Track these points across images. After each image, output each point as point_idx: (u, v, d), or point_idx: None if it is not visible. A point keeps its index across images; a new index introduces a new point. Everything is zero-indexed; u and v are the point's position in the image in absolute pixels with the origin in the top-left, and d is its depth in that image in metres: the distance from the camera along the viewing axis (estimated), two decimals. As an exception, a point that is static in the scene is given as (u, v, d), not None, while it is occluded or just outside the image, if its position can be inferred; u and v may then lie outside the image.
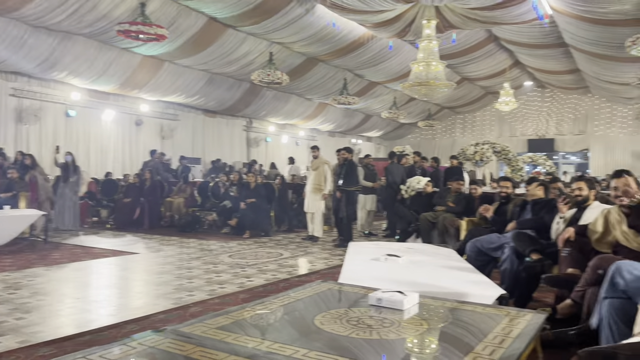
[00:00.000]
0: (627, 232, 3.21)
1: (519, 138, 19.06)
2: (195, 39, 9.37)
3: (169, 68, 10.51)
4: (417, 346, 2.03)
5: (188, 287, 4.77)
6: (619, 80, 12.57)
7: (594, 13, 8.18)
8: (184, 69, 10.79)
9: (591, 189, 4.18)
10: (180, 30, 8.92)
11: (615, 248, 3.33)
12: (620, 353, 1.86)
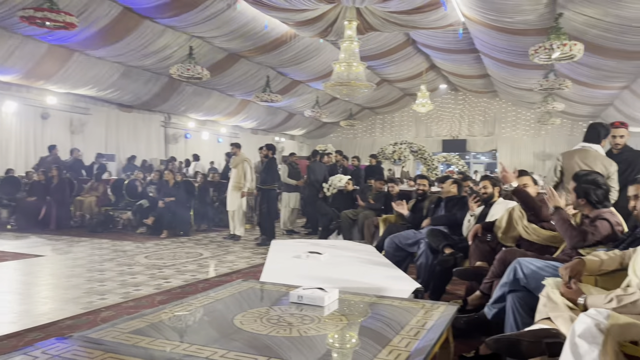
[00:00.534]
0: (528, 227, 3.49)
1: (434, 138, 19.94)
2: (109, 29, 8.88)
3: (79, 59, 9.88)
4: (337, 341, 2.05)
5: (100, 290, 4.51)
6: (524, 86, 13.50)
7: (502, 22, 8.73)
8: (97, 60, 10.19)
9: (495, 186, 4.49)
10: (92, 19, 8.41)
11: (518, 242, 3.60)
12: (523, 339, 2.00)
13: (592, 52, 8.68)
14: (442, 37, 11.18)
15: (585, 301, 2.03)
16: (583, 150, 4.08)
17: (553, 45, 7.36)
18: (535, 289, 2.50)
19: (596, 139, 4.12)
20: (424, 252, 4.38)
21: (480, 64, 13.28)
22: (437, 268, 4.12)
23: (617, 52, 8.88)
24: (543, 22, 8.22)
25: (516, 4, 7.76)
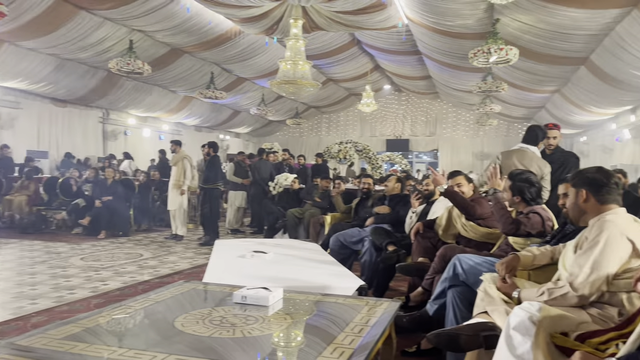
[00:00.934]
0: (466, 224, 3.62)
1: (378, 138, 20.30)
2: (42, 19, 8.41)
3: (8, 49, 9.30)
4: (283, 340, 2.04)
5: (30, 294, 4.27)
6: (463, 88, 14.00)
7: (443, 25, 9.01)
8: (28, 51, 9.63)
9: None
10: (24, 8, 7.94)
11: (457, 238, 3.73)
12: (461, 333, 2.06)
13: (526, 56, 9.13)
14: (386, 39, 11.40)
15: (519, 295, 2.12)
16: (521, 150, 4.28)
17: (491, 49, 7.68)
18: (473, 284, 2.59)
19: (534, 141, 4.33)
20: (368, 249, 4.44)
21: (422, 65, 13.65)
22: (381, 265, 4.19)
23: (548, 57, 9.38)
24: (481, 26, 8.56)
25: (456, 8, 8.04)
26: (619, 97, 10.52)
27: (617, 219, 1.99)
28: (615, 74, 9.15)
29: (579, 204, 2.10)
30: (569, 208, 2.17)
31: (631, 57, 8.11)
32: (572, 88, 11.32)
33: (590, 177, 2.09)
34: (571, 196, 2.15)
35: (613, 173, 2.15)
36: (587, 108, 12.21)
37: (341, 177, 7.31)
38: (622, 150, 12.72)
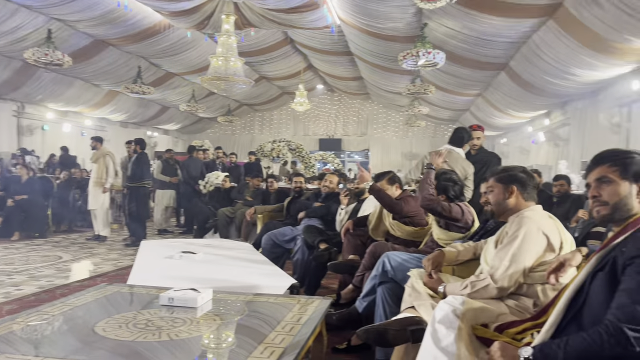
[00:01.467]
0: (392, 223, 3.73)
1: (311, 137, 20.41)
2: (-53, 2, 7.73)
3: None
4: (213, 342, 1.99)
5: None
6: (393, 90, 14.37)
7: (374, 27, 9.19)
8: None
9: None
10: None
11: (386, 236, 3.82)
12: (389, 328, 2.11)
13: (452, 61, 9.52)
14: (319, 38, 11.47)
15: (445, 289, 2.21)
16: (447, 151, 4.45)
17: (419, 53, 7.93)
18: (402, 280, 2.66)
19: (460, 142, 4.54)
20: (300, 248, 4.45)
21: (354, 66, 13.86)
22: (313, 263, 4.21)
23: (472, 62, 9.84)
24: (411, 30, 8.82)
25: (387, 11, 8.23)
26: (534, 101, 11.23)
27: (535, 215, 2.12)
28: (531, 80, 9.76)
29: (505, 200, 2.21)
30: (494, 203, 2.25)
31: (546, 65, 8.68)
32: (493, 92, 11.94)
33: (519, 176, 2.22)
34: (498, 192, 2.23)
35: (533, 173, 2.30)
36: (506, 111, 12.94)
37: (274, 176, 7.27)
38: (537, 151, 13.60)
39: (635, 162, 1.52)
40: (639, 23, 6.11)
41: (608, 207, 1.53)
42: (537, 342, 1.49)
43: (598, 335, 1.35)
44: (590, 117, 10.25)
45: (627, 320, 1.33)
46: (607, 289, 1.44)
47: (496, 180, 2.26)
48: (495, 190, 2.25)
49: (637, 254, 1.39)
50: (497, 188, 2.24)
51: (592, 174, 1.59)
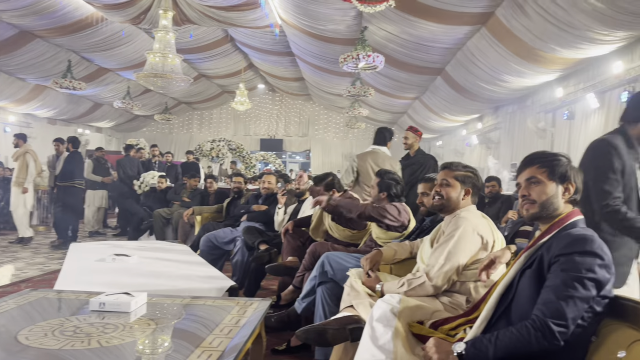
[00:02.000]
0: (331, 225, 3.76)
1: (252, 137, 20.22)
2: None
3: None
4: (148, 347, 1.92)
5: None
6: (334, 91, 14.51)
7: (316, 29, 9.24)
8: None
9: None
10: None
11: (326, 236, 3.84)
12: (328, 328, 2.12)
13: (391, 64, 9.74)
14: (260, 38, 11.38)
15: (382, 287, 2.24)
16: (373, 152, 4.64)
17: (359, 55, 8.05)
18: (341, 280, 2.68)
19: (383, 141, 4.74)
20: (240, 249, 4.39)
21: (296, 67, 13.87)
22: (252, 265, 4.17)
23: (410, 66, 10.11)
24: (351, 33, 8.94)
25: (328, 13, 8.29)
26: (468, 106, 11.70)
27: (470, 215, 2.20)
28: (465, 85, 10.16)
29: (459, 199, 2.26)
30: (447, 198, 2.25)
31: (479, 71, 9.07)
32: (430, 96, 12.33)
33: (476, 180, 2.30)
34: (455, 189, 2.26)
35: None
36: (442, 115, 13.40)
37: (213, 176, 7.13)
38: (471, 153, 14.19)
39: (562, 165, 1.62)
40: (563, 34, 6.51)
41: (536, 205, 1.61)
42: (470, 338, 1.55)
43: (526, 330, 1.42)
44: (519, 121, 10.82)
45: (552, 316, 1.40)
46: (534, 286, 1.52)
47: (455, 177, 2.28)
48: (452, 186, 2.26)
49: (561, 253, 1.47)
50: (454, 185, 2.26)
51: (522, 174, 1.67)
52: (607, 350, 1.44)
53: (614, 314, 1.51)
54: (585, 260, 1.44)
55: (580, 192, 1.65)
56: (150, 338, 1.98)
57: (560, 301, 1.41)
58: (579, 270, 1.43)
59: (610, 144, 2.10)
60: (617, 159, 2.05)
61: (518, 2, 6.45)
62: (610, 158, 2.04)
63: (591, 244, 1.46)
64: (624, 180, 2.10)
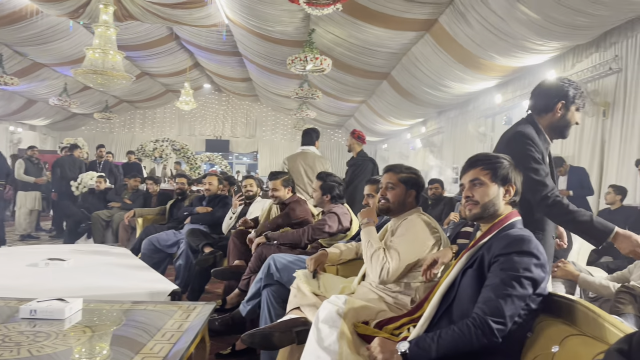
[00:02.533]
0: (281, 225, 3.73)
1: (197, 137, 19.82)
2: None
3: None
4: (85, 355, 1.83)
5: None
6: (282, 93, 14.46)
7: (263, 30, 9.18)
8: None
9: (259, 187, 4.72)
10: None
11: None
12: (274, 331, 2.10)
13: (338, 67, 9.83)
14: (206, 37, 11.18)
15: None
16: (303, 152, 4.78)
17: (307, 58, 8.06)
18: (287, 282, 2.67)
19: (311, 142, 4.89)
20: (183, 252, 4.28)
21: (243, 67, 13.73)
22: (196, 268, 4.07)
23: (357, 70, 10.25)
24: (299, 35, 8.94)
25: (276, 14, 8.26)
26: (413, 110, 11.99)
27: (418, 217, 2.24)
28: (410, 90, 10.41)
29: (405, 200, 2.29)
30: (393, 201, 2.28)
31: (423, 76, 9.31)
32: (376, 100, 12.54)
33: (419, 181, 2.33)
34: (400, 191, 2.28)
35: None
36: (388, 118, 13.66)
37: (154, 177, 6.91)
38: (415, 157, 14.55)
39: (504, 167, 1.68)
40: (502, 42, 6.80)
41: (479, 206, 1.66)
42: (413, 337, 1.57)
43: (467, 328, 1.46)
44: (461, 126, 11.21)
45: (492, 314, 1.45)
46: (475, 285, 1.56)
47: (400, 180, 2.31)
48: (397, 189, 2.29)
49: (500, 253, 1.53)
50: (398, 187, 2.29)
51: (466, 175, 1.71)
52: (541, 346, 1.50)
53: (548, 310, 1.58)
54: (522, 260, 1.49)
55: (520, 193, 1.71)
56: (87, 346, 1.89)
57: (499, 299, 1.46)
58: (517, 270, 1.48)
59: (524, 134, 2.06)
60: (534, 148, 2.02)
61: (460, 11, 6.67)
62: (528, 148, 2.01)
63: (528, 244, 1.52)
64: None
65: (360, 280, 2.31)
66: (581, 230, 1.95)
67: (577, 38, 6.48)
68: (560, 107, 2.12)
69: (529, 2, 5.62)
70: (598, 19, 5.67)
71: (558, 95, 2.12)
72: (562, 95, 2.12)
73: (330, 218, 3.15)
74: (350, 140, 5.26)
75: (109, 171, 8.93)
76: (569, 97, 2.11)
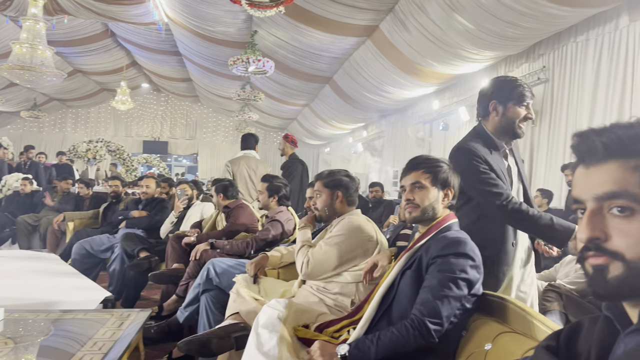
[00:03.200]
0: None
1: (134, 138, 19.15)
2: None
3: None
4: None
5: None
6: (224, 94, 14.24)
7: (204, 30, 9.01)
8: None
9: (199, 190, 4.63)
10: None
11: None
12: (212, 338, 2.05)
13: (281, 70, 9.81)
14: (144, 35, 10.83)
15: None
16: (246, 156, 4.93)
17: (249, 59, 7.99)
18: (227, 287, 2.61)
19: (252, 146, 5.06)
20: (118, 257, 4.11)
21: (183, 67, 13.41)
22: (131, 273, 3.91)
23: (300, 73, 10.27)
24: (241, 36, 8.85)
25: (217, 14, 8.13)
26: (354, 114, 12.17)
27: (356, 219, 2.26)
28: (352, 94, 10.56)
29: (334, 204, 2.29)
30: (321, 208, 2.31)
31: (364, 81, 9.47)
32: (319, 103, 12.63)
33: (344, 181, 2.32)
34: (325, 196, 2.30)
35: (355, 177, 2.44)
36: (330, 122, 13.78)
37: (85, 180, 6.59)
38: (357, 160, 14.76)
39: (444, 171, 1.72)
40: (439, 50, 7.03)
41: (419, 209, 1.69)
42: (353, 339, 1.58)
43: (405, 329, 1.48)
44: (401, 131, 11.49)
45: (429, 314, 1.48)
46: (414, 286, 1.59)
47: (323, 184, 2.32)
48: (322, 195, 2.31)
49: (438, 254, 1.56)
50: (324, 193, 2.31)
51: (407, 177, 1.74)
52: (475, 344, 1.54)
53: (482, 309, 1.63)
54: (459, 261, 1.54)
55: (457, 197, 1.76)
56: (10, 358, 1.76)
57: (436, 300, 1.49)
58: (454, 271, 1.52)
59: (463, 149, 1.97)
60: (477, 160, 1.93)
61: (400, 18, 6.84)
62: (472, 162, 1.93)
63: (464, 246, 1.57)
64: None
65: (300, 283, 2.30)
66: (544, 234, 1.89)
67: (509, 49, 6.81)
68: (494, 108, 2.01)
69: (465, 12, 5.85)
70: (527, 31, 5.99)
71: (488, 97, 2.04)
72: (491, 95, 2.03)
73: (273, 226, 3.14)
74: (283, 144, 5.43)
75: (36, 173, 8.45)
76: (500, 95, 2.01)
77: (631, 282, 0.67)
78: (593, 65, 5.83)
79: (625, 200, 0.68)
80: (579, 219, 0.74)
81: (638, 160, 0.68)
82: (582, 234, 0.71)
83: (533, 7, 5.27)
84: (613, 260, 0.68)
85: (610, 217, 0.69)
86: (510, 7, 5.38)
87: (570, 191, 3.33)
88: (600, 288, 0.69)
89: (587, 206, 0.72)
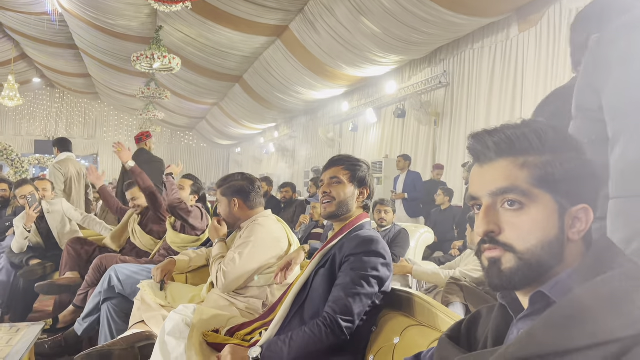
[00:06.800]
0: (136, 229, 3.44)
1: (24, 138, 17.63)
2: None
3: None
4: None
5: None
6: (126, 91, 13.54)
7: (104, 22, 8.48)
8: None
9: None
10: None
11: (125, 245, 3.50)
12: (114, 349, 1.91)
13: (189, 68, 9.51)
14: (36, 26, 9.99)
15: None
16: (69, 158, 4.88)
17: (154, 56, 7.65)
18: (131, 294, 2.46)
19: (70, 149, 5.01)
20: (4, 268, 3.73)
21: (80, 62, 12.56)
22: (20, 284, 3.57)
23: (209, 71, 10.03)
24: (145, 31, 8.46)
25: (118, 7, 7.70)
26: (266, 114, 12.11)
27: (266, 221, 2.21)
28: (263, 94, 10.49)
29: (232, 212, 2.22)
30: (223, 216, 2.25)
31: (275, 81, 9.45)
32: (229, 103, 12.41)
33: (238, 186, 2.25)
34: (224, 205, 2.23)
35: (255, 177, 2.38)
36: (241, 122, 13.60)
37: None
38: (269, 161, 14.70)
39: (362, 170, 1.75)
40: (348, 53, 7.19)
41: (334, 203, 1.70)
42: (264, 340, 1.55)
43: (317, 328, 1.47)
44: (312, 131, 11.61)
45: (341, 312, 1.49)
46: (327, 284, 1.59)
47: (221, 193, 2.25)
48: (222, 203, 2.25)
49: (351, 253, 1.58)
50: (222, 201, 2.25)
51: (327, 172, 1.75)
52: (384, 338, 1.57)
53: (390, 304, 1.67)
54: (370, 259, 1.56)
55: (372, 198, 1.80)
56: None
57: (348, 298, 1.50)
58: (365, 269, 1.54)
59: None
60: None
61: (309, 19, 6.91)
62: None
63: (376, 244, 1.60)
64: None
65: (210, 287, 2.22)
66: None
67: (413, 53, 7.13)
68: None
69: (372, 16, 6.04)
70: (429, 36, 6.31)
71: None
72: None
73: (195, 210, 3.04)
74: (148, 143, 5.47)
75: None
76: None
77: (522, 273, 0.71)
78: (488, 71, 6.27)
79: (515, 195, 0.72)
80: (475, 214, 0.78)
81: (525, 157, 0.73)
82: (479, 228, 0.75)
83: (435, 14, 5.56)
84: (505, 252, 0.72)
85: (502, 211, 0.74)
86: (414, 14, 5.63)
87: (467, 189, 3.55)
88: (495, 279, 0.73)
89: (483, 202, 0.76)
